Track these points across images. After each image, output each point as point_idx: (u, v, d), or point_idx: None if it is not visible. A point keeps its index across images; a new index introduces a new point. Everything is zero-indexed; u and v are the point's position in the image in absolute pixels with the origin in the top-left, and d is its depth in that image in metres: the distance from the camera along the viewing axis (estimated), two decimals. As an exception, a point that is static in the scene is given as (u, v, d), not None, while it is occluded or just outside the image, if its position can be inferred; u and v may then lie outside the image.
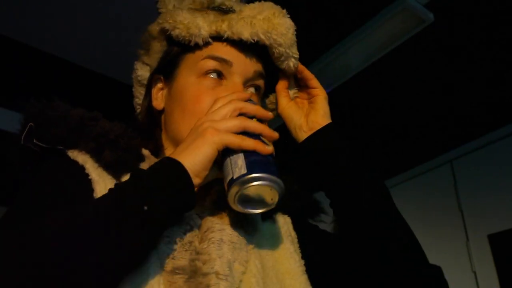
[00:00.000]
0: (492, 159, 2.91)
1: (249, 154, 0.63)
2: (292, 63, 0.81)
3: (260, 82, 0.81)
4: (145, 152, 0.74)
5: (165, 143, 0.80)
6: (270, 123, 0.74)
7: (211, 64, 0.75)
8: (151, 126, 0.82)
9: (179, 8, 0.79)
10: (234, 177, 0.61)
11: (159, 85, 0.82)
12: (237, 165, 0.61)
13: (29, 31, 2.01)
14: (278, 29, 0.76)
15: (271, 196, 0.63)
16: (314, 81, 0.83)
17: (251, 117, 0.67)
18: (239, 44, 0.76)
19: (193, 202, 0.60)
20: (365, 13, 2.00)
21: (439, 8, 1.94)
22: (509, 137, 2.85)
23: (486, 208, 2.86)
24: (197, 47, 0.76)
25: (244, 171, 0.60)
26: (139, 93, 0.85)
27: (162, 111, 0.81)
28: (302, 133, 0.80)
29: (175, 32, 0.76)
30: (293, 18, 0.80)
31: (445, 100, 2.58)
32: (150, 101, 0.82)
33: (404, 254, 0.75)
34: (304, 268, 0.75)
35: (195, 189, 0.61)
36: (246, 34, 0.74)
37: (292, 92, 0.86)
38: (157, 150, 0.79)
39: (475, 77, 2.39)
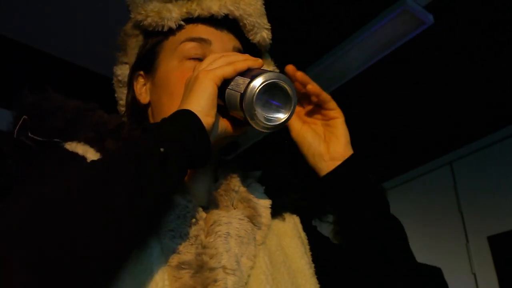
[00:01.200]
0: (492, 160, 2.91)
1: (244, 74, 0.62)
2: (265, 34, 0.78)
3: None
4: None
5: None
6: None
7: (191, 45, 0.74)
8: (139, 122, 0.79)
9: (149, 0, 0.78)
10: (242, 91, 0.60)
11: (141, 80, 0.80)
12: (239, 84, 0.61)
13: (28, 31, 2.02)
14: (246, 0, 0.77)
15: (283, 91, 0.62)
16: (332, 103, 0.78)
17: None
18: (213, 23, 0.76)
19: (208, 144, 0.59)
20: (365, 15, 2.00)
21: (438, 10, 1.94)
22: (508, 138, 2.85)
23: (486, 209, 2.86)
24: (172, 33, 0.76)
25: (247, 80, 0.60)
26: (121, 94, 0.83)
27: (148, 105, 0.79)
28: (323, 163, 0.76)
29: (148, 21, 0.75)
30: (293, 19, 0.79)
31: (445, 102, 2.58)
32: (134, 97, 0.80)
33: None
34: (313, 270, 0.73)
35: (209, 128, 0.60)
36: (215, 7, 0.75)
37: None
38: None
39: (474, 78, 2.40)
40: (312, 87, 0.75)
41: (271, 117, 0.63)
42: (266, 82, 0.60)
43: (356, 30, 2.07)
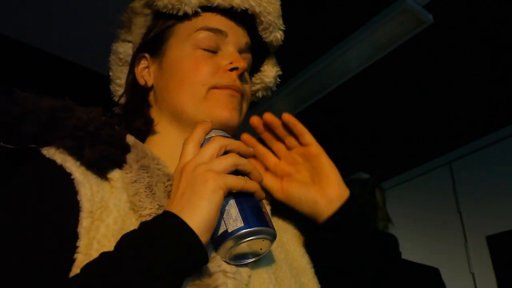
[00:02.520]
0: (491, 161, 2.91)
1: (240, 199, 0.58)
2: (279, 34, 0.78)
3: (250, 56, 0.78)
4: (130, 139, 0.68)
5: (157, 118, 0.75)
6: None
7: (206, 35, 0.72)
8: (138, 106, 0.76)
9: None
10: (229, 230, 0.56)
11: (144, 62, 0.77)
12: (231, 216, 0.56)
13: (28, 30, 2.01)
14: None
15: (263, 246, 0.59)
16: (308, 136, 0.71)
17: None
18: (231, 15, 0.74)
19: (206, 262, 0.54)
20: (365, 14, 2.00)
21: (438, 9, 1.94)
22: (508, 138, 2.85)
23: (484, 209, 2.86)
24: (186, 18, 0.73)
25: (240, 224, 0.56)
26: (120, 72, 0.80)
27: (150, 88, 0.76)
28: (321, 207, 0.68)
29: (164, 2, 0.72)
30: (293, 19, 0.79)
31: (444, 102, 2.58)
32: (134, 79, 0.77)
33: None
34: (313, 270, 0.71)
35: (205, 244, 0.54)
36: (237, 0, 0.72)
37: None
38: (147, 126, 0.75)
39: (474, 78, 2.40)
40: (287, 116, 0.70)
41: (240, 261, 0.59)
42: (251, 239, 0.57)
43: (356, 30, 2.07)
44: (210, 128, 0.64)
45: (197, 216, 0.53)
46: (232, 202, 0.57)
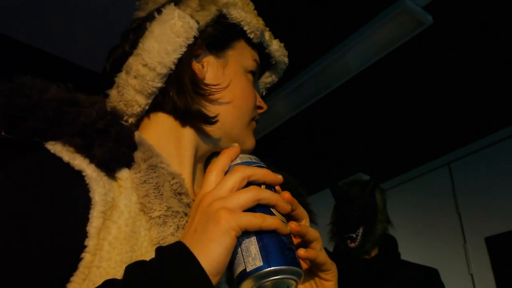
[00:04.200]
0: (490, 161, 2.91)
1: (262, 235, 0.53)
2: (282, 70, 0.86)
3: None
4: (136, 136, 0.65)
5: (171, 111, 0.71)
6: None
7: (254, 67, 0.77)
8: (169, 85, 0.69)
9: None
10: (248, 269, 0.51)
11: (198, 51, 0.71)
12: (250, 253, 0.52)
13: (28, 30, 2.01)
14: (286, 54, 0.83)
15: (290, 285, 0.53)
16: (329, 265, 0.63)
17: (259, 184, 0.57)
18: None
19: None
20: (364, 15, 2.01)
21: (438, 10, 1.95)
22: (507, 140, 2.86)
23: (483, 210, 2.86)
24: (248, 40, 0.76)
25: (259, 262, 0.51)
26: (178, 45, 0.67)
27: (198, 80, 0.70)
28: None
29: (248, 20, 0.75)
30: (292, 20, 0.80)
31: (444, 103, 2.58)
32: (190, 63, 0.69)
33: None
34: None
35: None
36: (278, 54, 0.80)
37: None
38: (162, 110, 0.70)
39: (473, 79, 2.40)
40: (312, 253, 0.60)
41: None
42: (272, 280, 0.52)
43: (355, 31, 2.08)
44: (237, 154, 0.61)
45: (208, 258, 0.50)
46: (253, 238, 0.53)
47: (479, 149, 2.97)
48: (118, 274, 0.53)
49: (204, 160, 0.76)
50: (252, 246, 0.52)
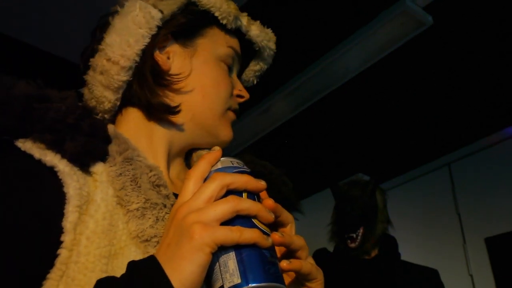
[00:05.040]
0: (490, 162, 2.91)
1: (240, 250, 0.49)
2: (270, 57, 0.81)
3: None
4: (110, 129, 0.64)
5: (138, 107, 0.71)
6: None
7: (232, 55, 0.74)
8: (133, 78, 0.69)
9: None
10: (225, 286, 0.48)
11: (164, 43, 0.70)
12: (228, 269, 0.49)
13: (28, 29, 2.01)
14: (273, 39, 0.79)
15: None
16: (314, 274, 0.58)
17: (240, 192, 0.53)
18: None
19: None
20: (364, 16, 2.01)
21: (438, 11, 1.95)
22: (506, 140, 2.86)
23: (483, 211, 2.86)
24: (223, 28, 0.74)
25: (237, 279, 0.48)
26: (140, 36, 0.67)
27: (162, 71, 0.69)
28: None
29: (217, 5, 0.72)
30: (292, 20, 0.80)
31: (444, 103, 2.58)
32: (152, 55, 0.68)
33: None
34: None
35: None
36: (258, 39, 0.76)
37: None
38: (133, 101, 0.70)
39: (473, 80, 2.40)
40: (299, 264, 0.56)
41: None
42: None
43: (355, 31, 2.08)
44: (217, 158, 0.56)
45: (177, 278, 0.47)
46: (231, 253, 0.49)
47: (479, 149, 2.97)
48: (97, 268, 0.53)
49: (183, 155, 0.75)
50: (230, 261, 0.49)
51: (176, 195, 0.61)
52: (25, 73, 0.62)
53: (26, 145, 0.56)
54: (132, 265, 0.50)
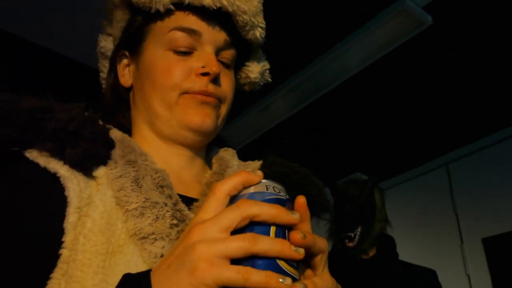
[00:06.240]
0: (488, 162, 2.92)
1: None
2: (258, 32, 0.74)
3: (232, 52, 0.75)
4: (116, 134, 0.68)
5: (136, 121, 0.75)
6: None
7: (180, 35, 0.70)
8: (118, 105, 0.76)
9: None
10: None
11: (125, 61, 0.76)
12: None
13: (29, 27, 2.00)
14: None
15: None
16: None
17: (268, 225, 0.47)
18: (204, 13, 0.71)
19: None
20: (364, 15, 2.00)
21: (437, 10, 1.95)
22: (505, 140, 2.86)
23: (481, 211, 2.87)
24: (160, 17, 0.71)
25: None
26: (103, 66, 0.80)
27: (130, 88, 0.76)
28: None
29: None
30: (292, 18, 0.78)
31: (442, 103, 2.58)
32: (116, 77, 0.76)
33: None
34: None
35: None
36: (207, 0, 0.69)
37: None
38: (130, 124, 0.76)
39: (472, 80, 2.40)
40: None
41: None
42: None
43: (355, 30, 2.07)
44: (251, 182, 0.50)
45: None
46: None
47: (477, 150, 2.97)
48: (94, 264, 0.54)
49: (202, 155, 0.76)
50: None
51: (184, 197, 0.64)
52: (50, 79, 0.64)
53: (33, 155, 0.60)
54: (124, 279, 0.49)
